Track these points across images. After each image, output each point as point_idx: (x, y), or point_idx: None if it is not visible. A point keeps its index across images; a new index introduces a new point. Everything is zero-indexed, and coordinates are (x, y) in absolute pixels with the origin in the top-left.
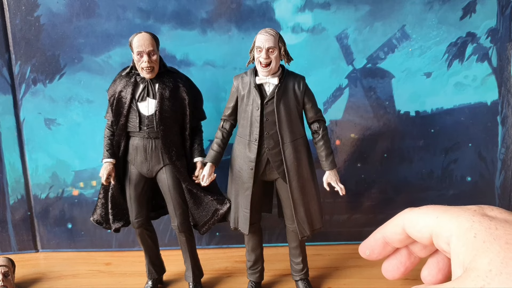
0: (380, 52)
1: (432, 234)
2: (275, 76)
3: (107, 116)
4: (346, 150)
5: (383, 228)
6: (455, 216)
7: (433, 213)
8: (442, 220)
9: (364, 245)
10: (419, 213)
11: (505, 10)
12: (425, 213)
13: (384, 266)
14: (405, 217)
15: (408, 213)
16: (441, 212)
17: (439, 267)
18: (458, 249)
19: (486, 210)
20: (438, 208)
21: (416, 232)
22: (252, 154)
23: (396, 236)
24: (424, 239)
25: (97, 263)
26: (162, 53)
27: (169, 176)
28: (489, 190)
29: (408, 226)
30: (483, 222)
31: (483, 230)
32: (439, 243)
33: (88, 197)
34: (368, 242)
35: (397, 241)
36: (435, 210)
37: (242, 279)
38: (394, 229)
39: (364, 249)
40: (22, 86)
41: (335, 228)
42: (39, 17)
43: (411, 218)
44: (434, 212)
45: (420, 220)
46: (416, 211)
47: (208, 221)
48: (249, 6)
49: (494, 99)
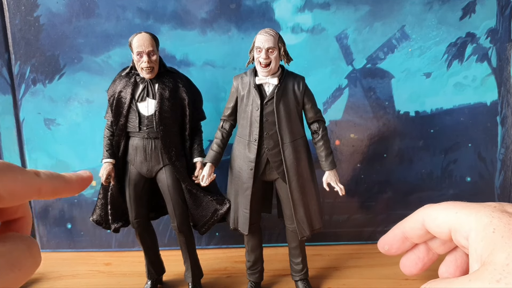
0: (379, 53)
1: (451, 229)
2: (274, 76)
3: (107, 116)
4: (345, 150)
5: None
6: (475, 212)
7: (453, 209)
8: (461, 215)
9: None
10: (438, 208)
11: (505, 10)
12: (444, 209)
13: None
14: (425, 213)
15: (427, 208)
16: (460, 207)
17: (457, 264)
18: (476, 244)
19: (506, 207)
20: (457, 204)
21: (435, 227)
22: (251, 154)
23: (416, 232)
24: (443, 234)
25: (97, 263)
26: (162, 53)
27: (168, 176)
28: (489, 190)
29: (427, 221)
30: (503, 218)
31: (502, 225)
32: (457, 238)
33: (87, 197)
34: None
35: (416, 237)
36: (455, 205)
37: (242, 279)
38: (414, 225)
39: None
40: (21, 86)
41: (335, 228)
42: (39, 17)
43: (431, 213)
44: (454, 208)
45: (439, 215)
46: (435, 207)
47: (207, 221)
48: (249, 6)
49: (494, 99)
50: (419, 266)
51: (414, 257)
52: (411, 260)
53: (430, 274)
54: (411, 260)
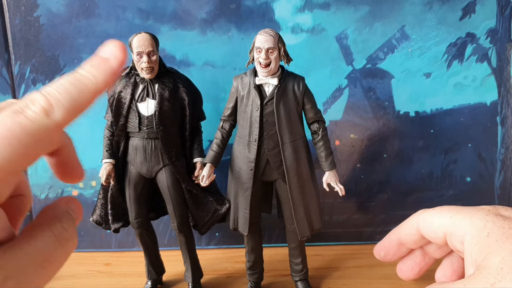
0: (379, 53)
1: (446, 233)
2: (274, 76)
3: (107, 116)
4: (345, 151)
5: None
6: (469, 216)
7: (447, 213)
8: (456, 219)
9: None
10: (433, 213)
11: (505, 10)
12: (439, 213)
13: (398, 267)
14: (420, 218)
15: (422, 214)
16: (455, 212)
17: (453, 268)
18: (471, 248)
19: (500, 210)
20: (452, 208)
21: (430, 232)
22: (251, 154)
23: (411, 237)
24: (439, 239)
25: (97, 264)
26: (162, 54)
27: (168, 176)
28: (489, 190)
29: (422, 227)
30: (497, 221)
31: (496, 229)
32: (453, 243)
33: (87, 197)
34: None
35: (411, 242)
36: (449, 210)
37: (242, 280)
38: (409, 230)
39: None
40: (21, 86)
41: (335, 228)
42: (39, 17)
43: (425, 218)
44: (449, 212)
45: (434, 220)
46: (430, 212)
47: (207, 221)
48: (249, 7)
49: (494, 99)
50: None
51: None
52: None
53: (428, 274)
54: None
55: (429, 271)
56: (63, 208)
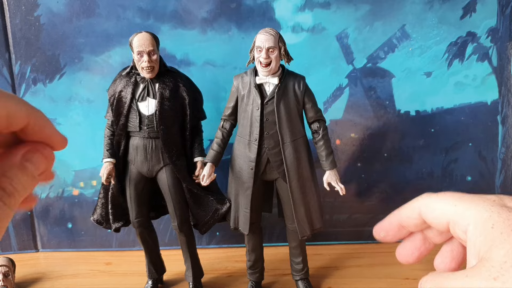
0: (380, 52)
1: (449, 221)
2: (275, 76)
3: (107, 116)
4: (346, 150)
5: (399, 212)
6: (474, 205)
7: (451, 201)
8: (460, 208)
9: (379, 227)
10: (436, 199)
11: (505, 9)
12: (443, 200)
13: (398, 250)
14: (422, 202)
15: (425, 198)
16: (459, 200)
17: (452, 256)
18: (474, 239)
19: (506, 200)
20: (456, 195)
21: (433, 218)
22: (252, 154)
23: (412, 221)
24: (441, 226)
25: (98, 263)
26: (162, 53)
27: (169, 175)
28: (489, 189)
29: (424, 212)
30: (502, 213)
31: (501, 221)
32: (456, 231)
33: (88, 196)
34: (383, 224)
35: (412, 225)
36: (453, 197)
37: (242, 279)
38: (410, 214)
39: (379, 230)
40: (22, 86)
41: (335, 227)
42: (39, 17)
43: (428, 203)
44: (453, 200)
45: (437, 207)
46: (434, 197)
47: (208, 220)
48: (249, 6)
49: (494, 98)
50: (416, 255)
51: (410, 246)
52: (408, 249)
53: (427, 267)
54: (407, 249)
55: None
56: (15, 161)
